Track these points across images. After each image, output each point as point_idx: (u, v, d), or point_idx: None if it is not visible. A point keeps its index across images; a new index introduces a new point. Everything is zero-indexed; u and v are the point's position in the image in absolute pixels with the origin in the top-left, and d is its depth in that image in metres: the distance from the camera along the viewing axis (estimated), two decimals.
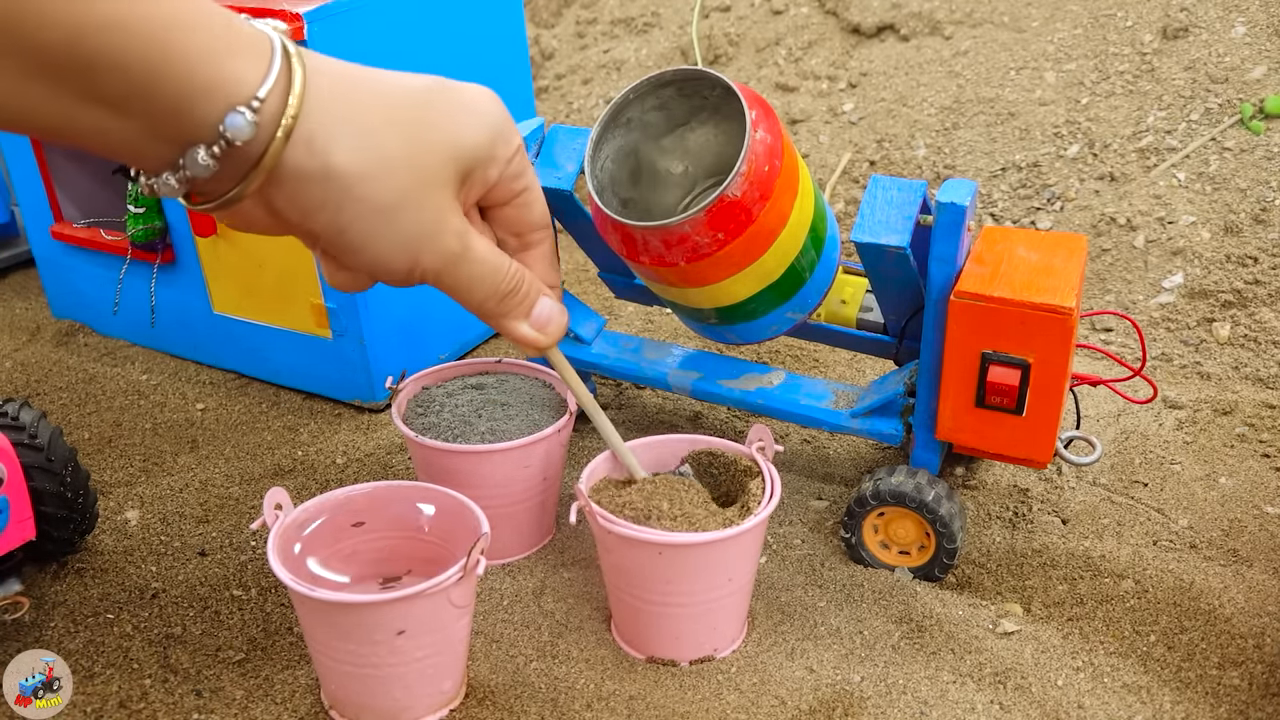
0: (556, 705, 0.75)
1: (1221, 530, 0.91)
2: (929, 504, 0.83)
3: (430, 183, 0.49)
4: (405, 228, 0.48)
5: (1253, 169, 1.27)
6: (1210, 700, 0.75)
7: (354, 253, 0.48)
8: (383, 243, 0.48)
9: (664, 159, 0.89)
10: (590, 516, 0.75)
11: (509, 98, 1.20)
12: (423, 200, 0.49)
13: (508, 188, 0.54)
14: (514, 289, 0.56)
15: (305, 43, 0.93)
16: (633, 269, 0.84)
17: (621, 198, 0.86)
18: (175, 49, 0.40)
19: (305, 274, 1.06)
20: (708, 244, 0.77)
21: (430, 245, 0.50)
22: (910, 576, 0.87)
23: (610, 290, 1.09)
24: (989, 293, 0.77)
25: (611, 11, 1.93)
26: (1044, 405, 0.79)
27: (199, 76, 0.41)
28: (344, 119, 0.45)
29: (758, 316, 0.86)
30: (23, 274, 1.47)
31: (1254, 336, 1.15)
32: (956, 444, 0.85)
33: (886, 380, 0.91)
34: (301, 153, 0.44)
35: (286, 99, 0.43)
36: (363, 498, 0.78)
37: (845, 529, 0.88)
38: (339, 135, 0.45)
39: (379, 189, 0.47)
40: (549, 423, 0.87)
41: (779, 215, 0.78)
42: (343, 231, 0.47)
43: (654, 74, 0.82)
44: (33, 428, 0.83)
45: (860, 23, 1.68)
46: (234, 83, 0.42)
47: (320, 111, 0.44)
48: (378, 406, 1.12)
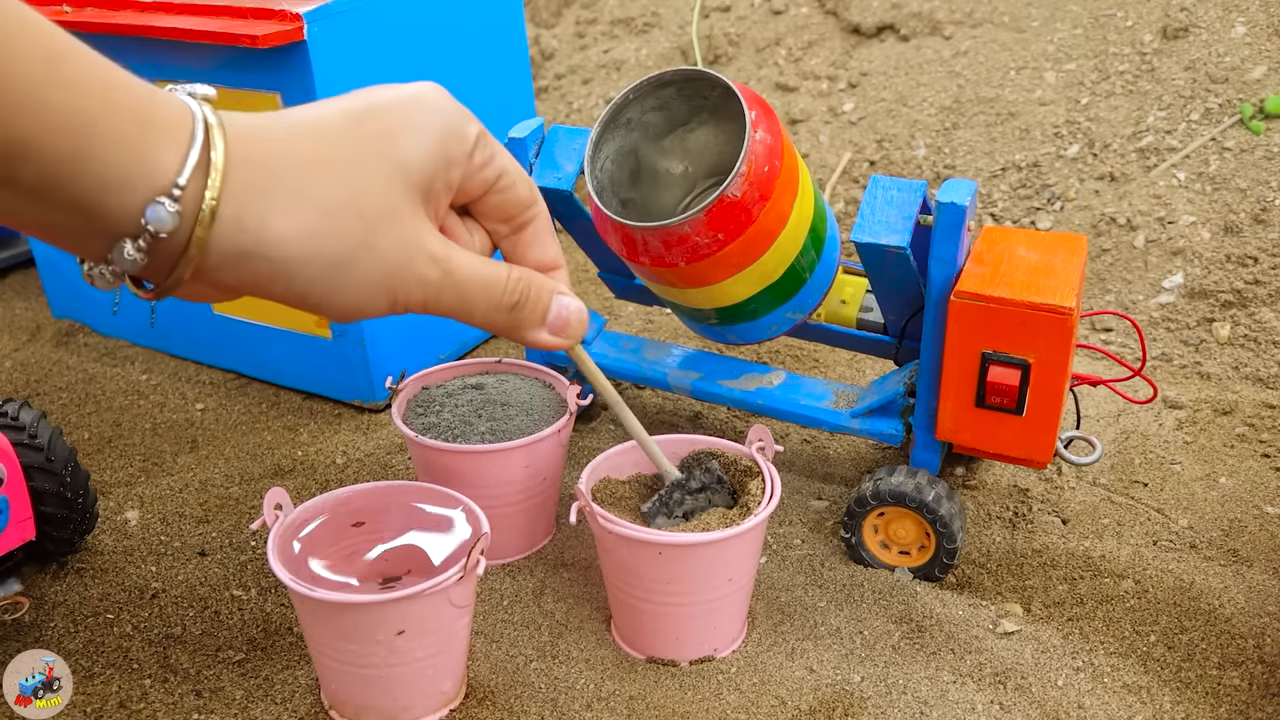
0: (556, 705, 0.75)
1: (1221, 530, 0.91)
2: (929, 504, 0.83)
3: (383, 218, 0.45)
4: (369, 274, 0.45)
5: (1253, 169, 1.27)
6: (1210, 700, 0.75)
7: (325, 309, 0.45)
8: (350, 294, 0.45)
9: (664, 159, 0.89)
10: (590, 517, 0.75)
11: (509, 98, 1.21)
12: (380, 239, 0.45)
13: (479, 180, 0.50)
14: (520, 301, 0.51)
15: (305, 43, 0.93)
16: (633, 269, 0.84)
17: (621, 198, 0.86)
18: (90, 139, 0.37)
19: None
20: (707, 244, 0.77)
21: (404, 281, 0.46)
22: (910, 577, 0.87)
23: (610, 290, 1.09)
24: (989, 293, 0.77)
25: (611, 11, 1.93)
26: (1044, 405, 0.78)
27: (115, 168, 0.38)
28: (271, 187, 0.42)
29: (758, 317, 0.86)
30: (23, 274, 1.47)
31: (1254, 336, 1.15)
32: (956, 444, 0.85)
33: (886, 380, 0.91)
34: (232, 232, 0.41)
35: (206, 181, 0.40)
36: (363, 498, 0.78)
37: (845, 529, 0.88)
38: (269, 206, 0.42)
39: (327, 245, 0.43)
40: (548, 423, 0.87)
41: (779, 216, 0.78)
42: (304, 296, 0.44)
43: (654, 74, 0.82)
44: (33, 428, 0.83)
45: (860, 23, 1.68)
46: (152, 172, 0.39)
47: (245, 186, 0.41)
48: (377, 406, 1.11)
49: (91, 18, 1.01)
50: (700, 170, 0.89)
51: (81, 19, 1.01)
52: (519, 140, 0.94)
